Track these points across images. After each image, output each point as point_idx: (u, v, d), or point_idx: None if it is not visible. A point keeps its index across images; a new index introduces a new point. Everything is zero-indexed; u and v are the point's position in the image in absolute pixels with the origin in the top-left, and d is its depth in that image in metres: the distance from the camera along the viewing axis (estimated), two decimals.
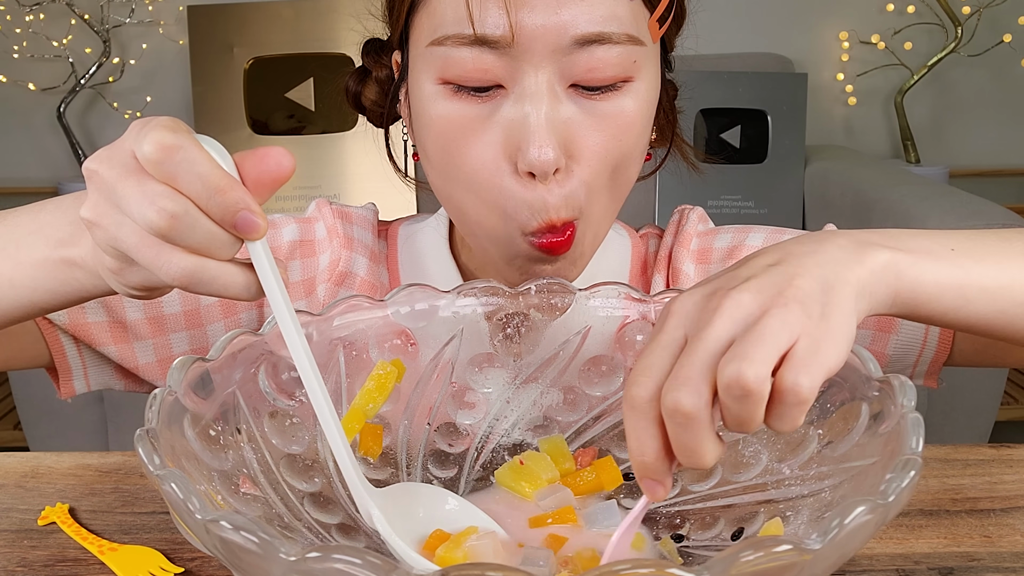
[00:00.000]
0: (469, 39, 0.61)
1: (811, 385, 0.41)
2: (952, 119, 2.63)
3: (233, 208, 0.45)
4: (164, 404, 0.47)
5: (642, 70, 0.64)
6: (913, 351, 0.74)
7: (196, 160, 0.44)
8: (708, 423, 0.42)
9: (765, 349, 0.41)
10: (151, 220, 0.45)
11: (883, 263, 0.49)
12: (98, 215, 0.47)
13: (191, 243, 0.45)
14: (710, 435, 0.42)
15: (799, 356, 0.42)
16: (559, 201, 0.63)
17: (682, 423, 0.42)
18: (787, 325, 0.42)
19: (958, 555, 0.56)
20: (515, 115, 0.62)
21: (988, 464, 0.67)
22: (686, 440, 0.42)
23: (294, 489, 0.53)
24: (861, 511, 0.37)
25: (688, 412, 0.41)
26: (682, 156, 0.80)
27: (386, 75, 0.74)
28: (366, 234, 0.80)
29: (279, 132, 2.31)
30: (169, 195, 0.45)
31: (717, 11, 2.48)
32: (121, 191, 0.46)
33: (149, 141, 0.44)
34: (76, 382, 0.76)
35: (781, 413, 0.42)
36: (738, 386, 0.41)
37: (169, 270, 0.46)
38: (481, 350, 0.62)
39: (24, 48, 2.50)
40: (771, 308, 0.43)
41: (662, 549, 0.53)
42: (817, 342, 0.42)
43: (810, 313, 0.43)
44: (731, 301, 0.44)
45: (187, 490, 0.39)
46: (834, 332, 0.43)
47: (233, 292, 0.47)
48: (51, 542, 0.58)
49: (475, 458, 0.61)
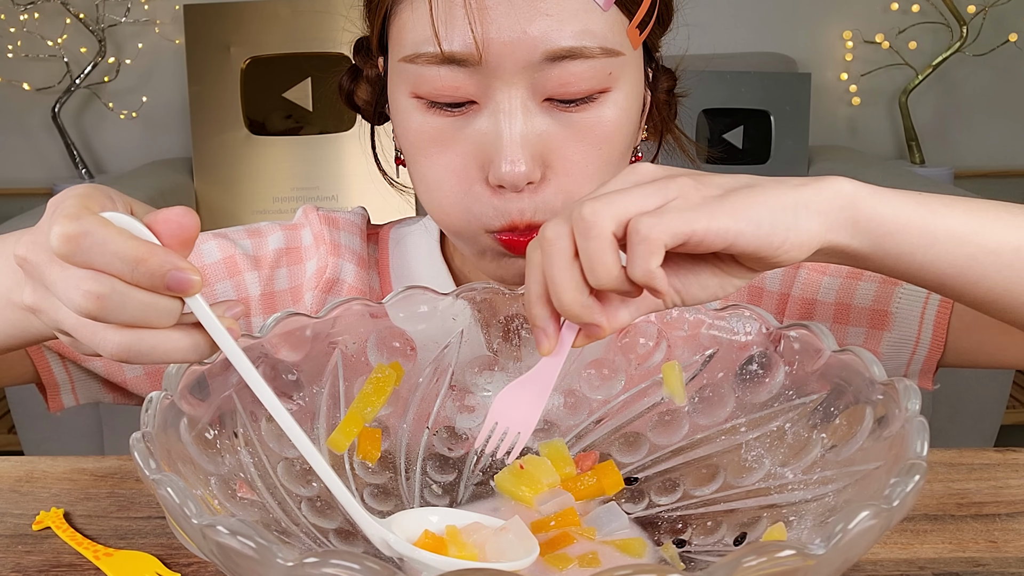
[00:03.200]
0: (438, 58, 0.61)
1: (655, 227, 0.43)
2: (957, 119, 2.62)
3: (160, 272, 0.44)
4: (160, 408, 0.47)
5: (620, 80, 0.64)
6: (906, 349, 0.73)
7: (106, 240, 0.43)
8: (569, 255, 0.45)
9: (619, 197, 0.45)
10: (79, 305, 0.44)
11: (836, 189, 0.49)
12: (36, 301, 0.47)
13: (127, 318, 0.44)
14: (572, 271, 0.45)
15: (659, 210, 0.45)
16: (528, 206, 0.63)
17: (546, 251, 0.46)
18: (663, 190, 0.45)
19: (963, 560, 0.55)
20: (488, 130, 0.62)
21: (993, 468, 0.66)
22: (551, 273, 0.46)
23: (291, 493, 0.52)
24: (865, 516, 0.37)
25: (548, 238, 0.46)
26: (681, 150, 0.79)
27: (376, 75, 0.75)
28: (354, 239, 0.80)
29: (276, 132, 2.31)
30: (92, 277, 0.44)
31: (719, 10, 2.48)
32: (49, 279, 0.45)
33: (53, 236, 0.43)
34: (64, 397, 0.75)
35: (630, 255, 0.44)
36: (579, 218, 0.44)
37: (105, 348, 0.45)
38: (481, 353, 0.62)
39: (19, 48, 2.50)
40: (661, 178, 0.46)
41: (664, 554, 0.53)
42: (692, 206, 0.45)
43: (701, 190, 0.46)
44: (634, 166, 0.48)
45: (183, 494, 0.39)
46: (722, 207, 0.45)
47: (179, 357, 0.46)
48: (46, 547, 0.58)
49: (475, 462, 0.61)
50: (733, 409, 0.56)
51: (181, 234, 0.46)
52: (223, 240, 0.76)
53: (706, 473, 0.56)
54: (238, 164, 2.31)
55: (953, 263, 0.52)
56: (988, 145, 2.64)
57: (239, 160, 2.31)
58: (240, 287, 0.75)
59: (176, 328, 0.46)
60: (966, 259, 0.52)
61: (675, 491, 0.57)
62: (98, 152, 2.60)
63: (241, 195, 2.31)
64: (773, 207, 0.46)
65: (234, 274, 0.75)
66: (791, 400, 0.54)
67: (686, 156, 0.80)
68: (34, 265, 0.46)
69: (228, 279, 0.75)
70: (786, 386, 0.54)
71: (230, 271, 0.75)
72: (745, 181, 0.48)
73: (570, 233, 0.45)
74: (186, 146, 2.50)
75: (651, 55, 0.71)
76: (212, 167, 2.32)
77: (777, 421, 0.54)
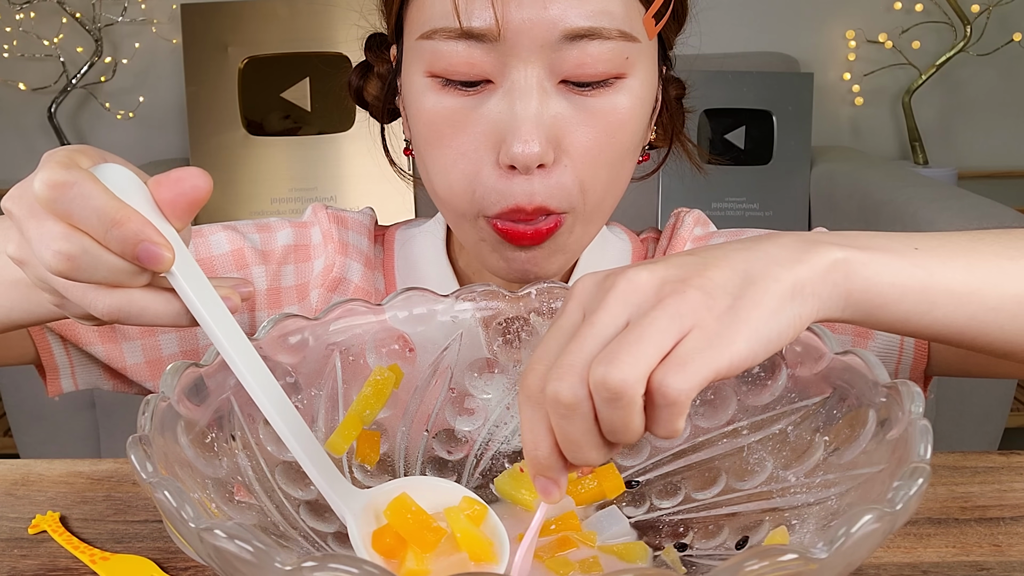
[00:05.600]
0: (456, 33, 0.61)
1: (681, 387, 0.38)
2: (961, 120, 2.61)
3: (133, 240, 0.43)
4: (157, 410, 0.46)
5: (635, 67, 0.64)
6: (891, 359, 0.72)
7: (90, 195, 0.43)
8: (589, 417, 0.40)
9: (641, 348, 0.39)
10: (50, 264, 0.44)
11: (830, 262, 0.45)
12: (20, 254, 0.47)
13: (99, 278, 0.44)
14: (593, 431, 0.40)
15: (680, 354, 0.39)
16: (539, 189, 0.62)
17: (563, 415, 0.40)
18: (678, 317, 0.40)
19: (967, 564, 0.55)
20: (502, 109, 0.62)
21: (998, 472, 0.66)
22: (568, 432, 0.40)
23: (289, 497, 0.52)
24: (868, 519, 0.36)
25: (567, 403, 0.39)
26: (687, 156, 0.79)
27: (387, 70, 0.75)
28: (362, 239, 0.80)
29: (274, 133, 2.30)
30: (64, 235, 0.44)
31: (721, 9, 2.46)
32: (27, 233, 0.45)
33: (40, 180, 0.43)
34: (63, 380, 0.75)
35: (655, 416, 0.40)
36: (604, 388, 0.38)
37: (97, 307, 0.45)
38: (480, 355, 0.61)
39: (14, 47, 2.49)
40: (667, 296, 0.41)
41: (665, 558, 0.52)
42: (710, 338, 0.40)
43: (712, 305, 0.41)
44: (625, 281, 0.42)
45: (180, 498, 0.39)
46: (739, 328, 0.40)
47: (165, 321, 0.46)
48: (42, 551, 0.58)
49: (474, 465, 0.61)
50: (735, 412, 0.56)
51: (188, 195, 0.46)
52: (232, 232, 0.76)
53: (708, 476, 0.56)
54: (236, 165, 2.30)
55: (951, 324, 0.49)
56: (992, 146, 2.63)
57: (237, 160, 2.30)
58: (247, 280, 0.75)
59: (164, 292, 0.46)
60: (966, 319, 0.49)
61: (676, 494, 0.57)
62: None
63: (239, 196, 2.30)
64: (778, 310, 0.42)
65: (242, 267, 0.75)
66: (793, 403, 0.53)
67: (692, 163, 0.80)
68: (16, 218, 0.46)
69: (235, 272, 0.75)
70: (788, 388, 0.54)
71: (238, 264, 0.75)
72: (741, 267, 0.43)
73: (589, 396, 0.40)
74: (183, 146, 2.50)
75: (665, 53, 0.72)
76: (210, 168, 2.30)
77: (779, 424, 0.54)
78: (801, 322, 0.44)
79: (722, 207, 2.23)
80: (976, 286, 0.49)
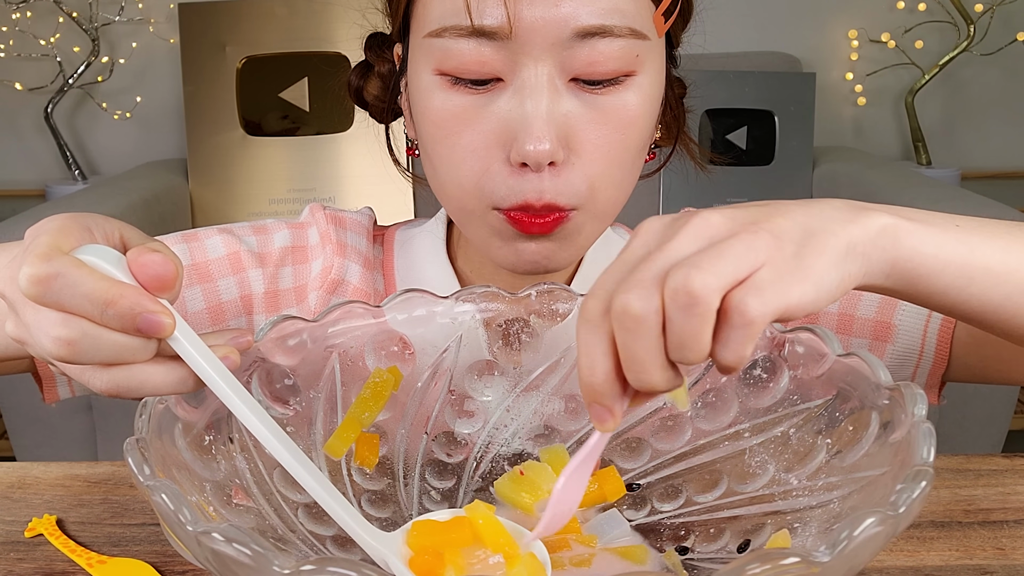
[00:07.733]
0: (467, 31, 0.61)
1: (760, 308, 0.39)
2: (964, 120, 2.61)
3: (131, 315, 0.43)
4: (155, 413, 0.46)
5: (645, 64, 0.64)
6: (911, 362, 0.73)
7: (76, 282, 0.43)
8: (657, 332, 0.39)
9: (721, 263, 0.39)
10: (50, 351, 0.44)
11: (881, 226, 0.46)
12: (20, 335, 0.47)
13: (102, 359, 0.44)
14: (660, 348, 0.39)
15: (756, 280, 0.39)
16: (549, 187, 0.62)
17: (631, 328, 0.39)
18: (752, 250, 0.40)
19: (970, 568, 0.55)
20: (513, 107, 0.62)
21: (1001, 474, 0.66)
22: (634, 348, 0.39)
23: (288, 500, 0.52)
24: (871, 523, 0.36)
25: (636, 315, 0.39)
26: (689, 155, 0.79)
27: (388, 69, 0.75)
28: (361, 240, 0.79)
29: (273, 133, 2.30)
30: (62, 322, 0.43)
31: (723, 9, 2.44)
32: (24, 318, 0.45)
33: (23, 277, 0.43)
34: (60, 388, 0.75)
35: (726, 337, 0.39)
36: (684, 292, 0.38)
37: (96, 386, 0.45)
38: (480, 357, 0.61)
39: (10, 47, 2.48)
40: (740, 232, 0.41)
41: (667, 561, 0.52)
42: (781, 274, 0.40)
43: (782, 248, 0.41)
44: (700, 219, 0.42)
45: (178, 501, 0.39)
46: (805, 272, 0.41)
47: (169, 390, 0.46)
48: (38, 555, 0.57)
49: (474, 468, 0.60)
50: (737, 414, 0.56)
51: (157, 281, 0.45)
52: (228, 236, 0.76)
53: (709, 479, 0.56)
54: (234, 165, 2.30)
55: (988, 302, 0.50)
56: (995, 146, 2.62)
57: (235, 161, 2.30)
58: (244, 284, 0.75)
59: (163, 362, 0.46)
60: (1001, 298, 0.50)
61: (678, 497, 0.56)
62: (91, 153, 2.59)
63: (237, 197, 2.30)
64: (837, 262, 0.43)
65: (238, 271, 0.75)
66: (795, 405, 0.53)
67: (695, 162, 0.80)
68: (11, 302, 0.46)
69: (232, 275, 0.75)
70: (790, 391, 0.54)
71: (234, 267, 0.75)
72: (802, 219, 0.44)
73: (660, 307, 0.39)
74: (181, 147, 2.49)
75: (671, 51, 0.72)
76: (207, 168, 2.31)
77: (781, 426, 0.54)
78: (851, 280, 0.45)
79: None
80: (1014, 267, 0.50)
